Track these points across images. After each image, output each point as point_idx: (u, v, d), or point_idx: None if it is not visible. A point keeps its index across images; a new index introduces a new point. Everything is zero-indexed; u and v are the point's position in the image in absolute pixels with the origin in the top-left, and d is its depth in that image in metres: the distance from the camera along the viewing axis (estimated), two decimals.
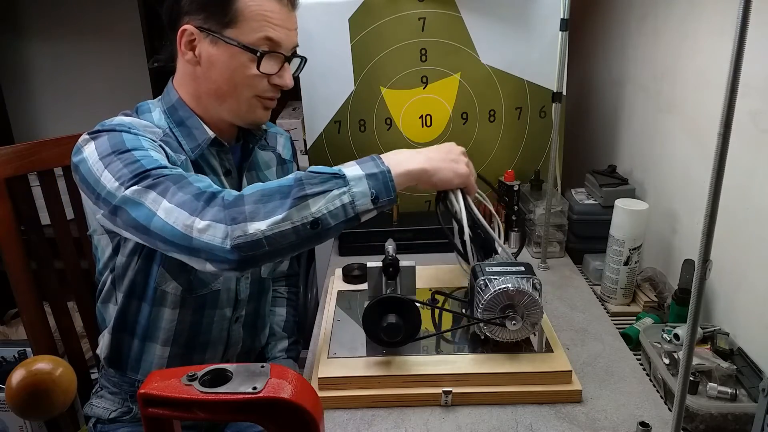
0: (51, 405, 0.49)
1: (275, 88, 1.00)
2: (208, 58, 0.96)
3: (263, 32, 0.94)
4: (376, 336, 0.90)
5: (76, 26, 2.30)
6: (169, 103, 1.01)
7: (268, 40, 0.95)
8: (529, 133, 1.43)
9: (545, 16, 1.33)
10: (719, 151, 0.53)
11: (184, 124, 0.99)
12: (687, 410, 0.83)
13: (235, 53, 0.94)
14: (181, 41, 0.96)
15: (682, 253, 1.15)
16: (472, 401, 0.89)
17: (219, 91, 0.98)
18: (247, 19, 0.93)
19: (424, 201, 1.49)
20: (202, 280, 1.02)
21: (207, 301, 1.05)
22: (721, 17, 1.04)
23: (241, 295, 1.09)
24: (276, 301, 1.28)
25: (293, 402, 0.54)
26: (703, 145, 1.10)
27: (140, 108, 1.02)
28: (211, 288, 1.04)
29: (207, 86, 0.98)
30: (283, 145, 1.20)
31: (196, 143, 0.99)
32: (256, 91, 0.98)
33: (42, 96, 2.43)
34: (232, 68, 0.95)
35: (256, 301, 1.15)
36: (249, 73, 0.96)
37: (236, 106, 0.99)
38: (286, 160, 1.20)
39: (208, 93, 0.99)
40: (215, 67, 0.96)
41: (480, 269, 0.95)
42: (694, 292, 0.58)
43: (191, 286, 1.02)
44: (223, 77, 0.96)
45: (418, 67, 1.37)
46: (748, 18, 0.49)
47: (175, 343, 1.05)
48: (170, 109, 1.00)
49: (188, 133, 0.99)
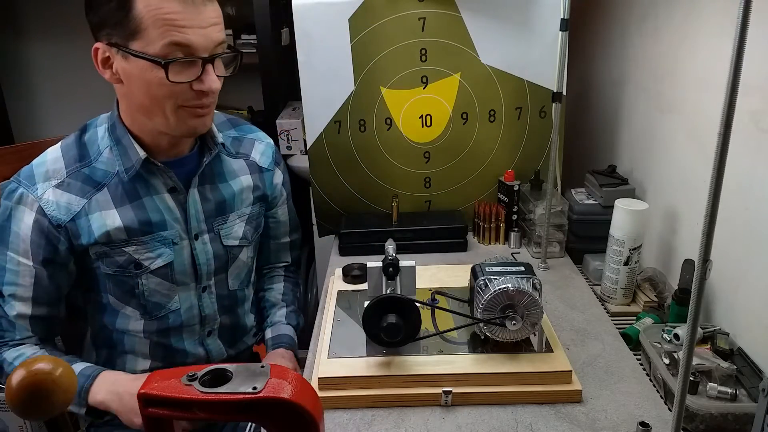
0: (51, 405, 0.49)
1: (201, 95, 0.91)
2: (125, 75, 0.90)
3: (168, 38, 0.85)
4: (376, 336, 0.90)
5: (76, 26, 2.29)
6: (111, 120, 0.98)
7: (177, 46, 0.86)
8: (529, 133, 1.43)
9: (545, 16, 1.33)
10: (719, 151, 0.53)
11: (120, 143, 0.97)
12: (687, 410, 0.83)
13: (144, 67, 0.87)
14: (96, 60, 0.90)
15: (682, 253, 1.15)
16: (472, 401, 0.89)
17: (143, 107, 0.92)
18: (148, 26, 0.84)
19: (424, 201, 1.49)
20: (156, 303, 1.02)
21: (170, 321, 1.05)
22: (721, 17, 1.04)
23: (206, 311, 1.08)
24: (273, 279, 1.25)
25: (293, 402, 0.54)
26: (703, 145, 1.10)
27: (90, 125, 1.01)
28: (169, 309, 1.04)
29: (133, 103, 0.93)
30: (261, 152, 1.13)
31: (130, 164, 0.96)
32: (180, 101, 0.91)
33: (42, 96, 2.43)
34: (147, 81, 0.88)
35: (230, 313, 1.13)
36: (164, 85, 0.87)
37: (164, 119, 0.92)
38: (263, 168, 1.13)
39: (137, 110, 0.94)
40: (133, 83, 0.90)
41: (480, 269, 0.95)
42: (694, 292, 0.58)
43: (146, 309, 1.03)
44: (141, 92, 0.90)
45: (418, 67, 1.37)
46: (748, 18, 0.49)
47: (155, 357, 1.07)
48: (111, 127, 0.98)
49: (124, 152, 0.96)
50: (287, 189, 1.20)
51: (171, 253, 1.01)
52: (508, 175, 1.42)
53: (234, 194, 1.07)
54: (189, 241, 1.03)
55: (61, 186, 0.95)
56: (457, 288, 1.09)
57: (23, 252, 0.95)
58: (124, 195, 0.97)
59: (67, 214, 0.95)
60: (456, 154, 1.44)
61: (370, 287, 1.02)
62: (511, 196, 1.42)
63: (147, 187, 0.98)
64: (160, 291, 1.02)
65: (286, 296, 1.24)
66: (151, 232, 0.99)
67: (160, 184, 0.99)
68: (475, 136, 1.43)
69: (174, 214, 1.01)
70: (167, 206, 1.00)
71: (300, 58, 1.34)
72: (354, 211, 1.48)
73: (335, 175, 1.45)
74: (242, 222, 1.09)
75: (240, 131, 1.13)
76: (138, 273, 0.99)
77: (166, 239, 1.00)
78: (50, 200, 0.94)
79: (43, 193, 0.94)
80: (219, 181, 1.06)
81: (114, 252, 0.97)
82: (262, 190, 1.13)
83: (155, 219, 0.99)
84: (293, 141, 2.06)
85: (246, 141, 1.13)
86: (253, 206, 1.11)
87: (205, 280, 1.06)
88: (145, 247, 0.99)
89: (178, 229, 1.01)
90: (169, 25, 0.85)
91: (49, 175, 0.95)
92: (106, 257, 0.97)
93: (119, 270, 0.99)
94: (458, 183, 1.47)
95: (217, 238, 1.06)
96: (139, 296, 1.01)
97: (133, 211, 0.97)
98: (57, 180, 0.95)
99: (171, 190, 1.00)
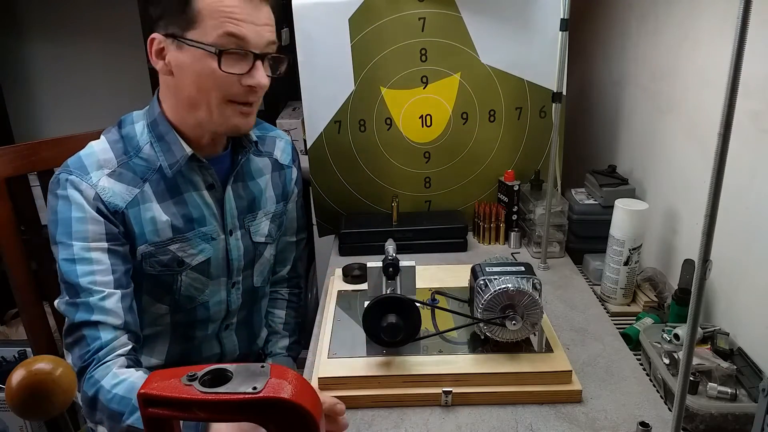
0: (51, 405, 0.49)
1: (249, 91, 0.94)
2: (177, 65, 0.92)
3: (223, 28, 0.88)
4: (376, 336, 0.90)
5: (76, 26, 2.30)
6: (152, 116, 0.99)
7: (231, 36, 0.89)
8: (529, 133, 1.43)
9: (545, 16, 1.33)
10: (719, 151, 0.53)
11: (163, 139, 0.97)
12: (687, 410, 0.83)
13: (198, 56, 0.90)
14: (151, 50, 0.93)
15: (682, 253, 1.14)
16: (472, 401, 0.89)
17: (191, 99, 0.94)
18: (206, 17, 0.88)
19: (424, 201, 1.49)
20: (187, 296, 1.03)
21: (198, 314, 1.06)
22: (721, 17, 1.04)
23: (233, 305, 1.10)
24: (276, 303, 1.28)
25: (293, 402, 0.54)
26: (703, 145, 1.10)
27: (124, 121, 1.01)
28: (199, 302, 1.05)
29: (181, 96, 0.95)
30: (282, 149, 1.18)
31: (174, 160, 0.97)
32: (227, 94, 0.93)
33: (42, 96, 2.42)
34: (198, 71, 0.91)
35: (248, 309, 1.15)
36: (215, 75, 0.90)
37: (208, 113, 0.94)
38: (284, 165, 1.17)
39: (183, 103, 0.95)
40: (184, 74, 0.92)
41: (480, 269, 0.95)
42: (694, 292, 0.58)
43: (177, 304, 1.03)
44: (191, 83, 0.92)
45: (418, 67, 1.37)
46: (748, 18, 0.49)
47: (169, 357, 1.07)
48: (152, 124, 0.98)
49: (167, 148, 0.97)
50: (299, 186, 1.23)
51: (210, 249, 1.03)
52: (508, 175, 1.42)
53: (261, 192, 1.11)
54: (225, 236, 1.05)
55: (113, 175, 0.95)
56: (457, 288, 1.09)
57: (93, 236, 0.92)
58: (166, 191, 0.98)
59: (123, 201, 0.94)
60: (456, 154, 1.44)
61: (370, 287, 1.02)
62: (511, 196, 1.42)
63: (187, 184, 1.00)
64: (195, 285, 1.03)
65: (288, 325, 1.26)
66: (193, 228, 1.00)
67: (199, 180, 1.01)
68: (475, 136, 1.43)
69: (212, 210, 1.02)
70: (206, 202, 1.02)
71: (300, 58, 1.34)
72: (354, 211, 1.48)
73: (335, 175, 1.45)
74: (267, 219, 1.12)
75: (262, 129, 1.15)
76: (180, 270, 1.00)
77: (206, 235, 1.02)
78: (106, 187, 0.94)
79: (98, 181, 0.93)
80: (248, 179, 1.09)
81: (159, 251, 0.98)
82: (284, 188, 1.16)
83: (196, 215, 1.00)
84: (293, 141, 2.06)
85: (268, 139, 1.16)
86: (277, 204, 1.14)
87: (236, 276, 1.09)
88: (188, 243, 1.00)
89: (215, 225, 1.03)
90: (227, 17, 0.88)
91: (101, 164, 0.95)
92: (151, 257, 0.98)
93: (163, 269, 0.99)
94: (458, 183, 1.47)
95: (247, 235, 1.09)
96: (174, 292, 1.01)
97: (175, 206, 0.98)
98: (109, 169, 0.95)
99: (209, 187, 1.02)
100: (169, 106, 0.98)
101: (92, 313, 0.90)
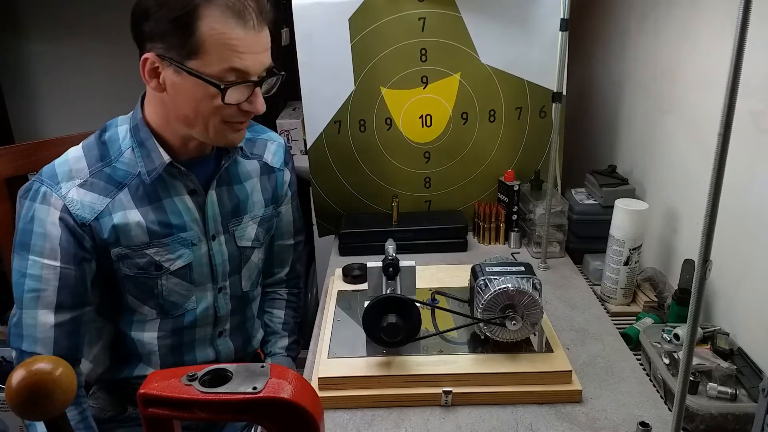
0: (51, 405, 0.49)
1: (246, 114, 0.95)
2: (173, 86, 0.91)
3: (228, 63, 0.87)
4: (376, 336, 0.90)
5: (76, 26, 2.30)
6: (134, 121, 0.98)
7: (233, 71, 0.89)
8: (529, 133, 1.43)
9: (545, 16, 1.33)
10: (719, 151, 0.53)
11: (143, 145, 0.97)
12: (687, 410, 0.83)
13: (198, 84, 0.88)
14: (144, 69, 0.91)
15: (682, 253, 1.15)
16: (472, 401, 0.89)
17: (187, 118, 0.93)
18: (209, 50, 0.86)
19: (424, 201, 1.49)
20: (173, 302, 1.03)
21: (185, 320, 1.05)
22: (721, 17, 1.04)
23: (221, 311, 1.09)
24: (275, 303, 1.27)
25: (293, 402, 0.54)
26: (703, 145, 1.10)
27: (109, 125, 1.00)
28: (186, 308, 1.04)
29: (175, 112, 0.94)
30: (273, 152, 1.15)
31: (152, 167, 0.96)
32: (225, 117, 0.93)
33: (42, 96, 2.42)
34: (198, 98, 0.90)
35: (241, 314, 1.14)
36: (215, 104, 0.90)
37: (204, 131, 0.94)
38: (275, 168, 1.14)
39: (177, 118, 0.95)
40: (180, 96, 0.91)
41: (480, 269, 0.95)
42: (694, 292, 0.58)
43: (163, 309, 1.03)
44: (189, 106, 0.91)
45: (418, 67, 1.37)
46: (748, 18, 0.49)
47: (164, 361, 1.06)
48: (134, 128, 0.97)
49: (147, 154, 0.96)
50: (293, 189, 1.21)
51: (190, 254, 1.01)
52: (508, 175, 1.42)
53: (248, 195, 1.09)
54: (207, 242, 1.03)
55: (84, 185, 0.94)
56: (457, 288, 1.09)
57: (48, 253, 0.92)
58: (145, 196, 0.97)
59: (91, 213, 0.94)
60: (456, 154, 1.44)
61: (370, 287, 1.02)
62: (511, 196, 1.42)
63: (167, 189, 0.99)
64: (179, 291, 1.02)
65: (287, 325, 1.25)
66: (171, 234, 0.99)
67: (180, 186, 1.00)
68: (475, 136, 1.43)
69: (193, 215, 1.01)
70: (186, 208, 1.00)
71: (300, 58, 1.34)
72: (354, 211, 1.48)
73: (335, 175, 1.45)
74: (255, 224, 1.10)
75: (253, 132, 1.14)
76: (158, 274, 1.00)
77: (185, 240, 1.01)
78: (74, 199, 0.93)
79: (67, 192, 0.93)
80: (234, 182, 1.07)
81: (135, 254, 0.97)
82: (274, 191, 1.14)
83: (175, 221, 0.99)
84: (293, 141, 2.06)
85: (259, 142, 1.14)
86: (266, 209, 1.12)
87: (221, 281, 1.07)
88: (165, 248, 0.99)
89: (196, 230, 1.02)
90: (231, 51, 0.87)
91: (72, 174, 0.95)
92: (126, 259, 0.97)
93: (140, 272, 0.99)
94: (458, 183, 1.47)
95: (231, 239, 1.07)
96: (158, 296, 1.01)
97: (153, 212, 0.97)
98: (80, 179, 0.95)
99: (191, 192, 1.01)
100: (157, 115, 0.97)
101: (22, 330, 0.94)
